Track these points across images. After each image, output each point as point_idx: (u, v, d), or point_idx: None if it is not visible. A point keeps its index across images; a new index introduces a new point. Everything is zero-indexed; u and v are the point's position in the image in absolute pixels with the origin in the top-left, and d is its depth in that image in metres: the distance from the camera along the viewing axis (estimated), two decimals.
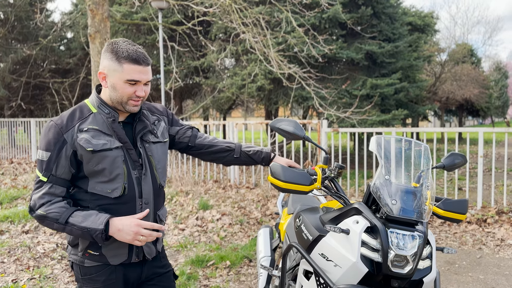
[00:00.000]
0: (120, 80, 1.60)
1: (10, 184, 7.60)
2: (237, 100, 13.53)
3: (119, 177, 1.62)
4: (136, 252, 1.69)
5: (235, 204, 6.26)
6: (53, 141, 1.59)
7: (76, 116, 1.64)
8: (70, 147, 1.59)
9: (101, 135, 1.62)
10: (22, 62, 14.78)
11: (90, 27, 7.06)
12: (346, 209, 1.75)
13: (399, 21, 11.75)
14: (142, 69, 1.61)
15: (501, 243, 4.72)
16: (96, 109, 1.67)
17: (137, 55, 1.60)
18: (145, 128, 1.74)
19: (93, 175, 1.62)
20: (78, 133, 1.60)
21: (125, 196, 1.64)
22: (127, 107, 1.65)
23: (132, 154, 1.67)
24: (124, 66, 1.59)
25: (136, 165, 1.68)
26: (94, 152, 1.59)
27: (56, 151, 1.58)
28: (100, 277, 1.66)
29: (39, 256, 4.15)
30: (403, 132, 6.41)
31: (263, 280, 2.68)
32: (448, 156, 2.01)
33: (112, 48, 1.61)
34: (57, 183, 1.60)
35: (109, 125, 1.64)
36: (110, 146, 1.62)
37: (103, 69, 1.64)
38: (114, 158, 1.62)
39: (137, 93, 1.63)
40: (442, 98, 20.56)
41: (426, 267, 1.65)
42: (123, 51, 1.59)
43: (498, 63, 33.22)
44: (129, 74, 1.59)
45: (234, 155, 2.02)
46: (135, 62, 1.59)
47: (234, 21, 7.12)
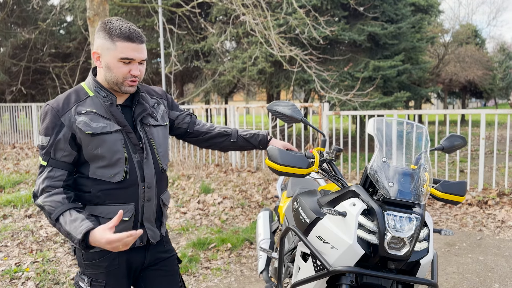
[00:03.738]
0: (114, 58, 1.56)
1: (12, 169, 7.64)
2: (238, 83, 13.45)
3: (120, 161, 1.59)
4: (140, 237, 1.68)
5: (236, 188, 6.29)
6: (50, 126, 1.56)
7: (72, 98, 1.60)
8: (68, 130, 1.56)
9: (100, 118, 1.58)
10: (21, 46, 14.69)
11: (89, 10, 6.98)
12: (343, 191, 1.74)
13: (402, 1, 11.55)
14: (136, 46, 1.56)
15: (501, 224, 4.73)
16: (93, 92, 1.62)
17: (130, 32, 1.55)
18: (144, 111, 1.70)
19: (93, 160, 1.59)
20: (76, 116, 1.56)
21: (127, 181, 1.61)
22: (123, 88, 1.60)
23: (132, 138, 1.63)
24: (117, 44, 1.54)
25: (136, 149, 1.64)
26: (93, 135, 1.56)
27: (54, 135, 1.56)
28: (103, 263, 1.64)
29: (42, 239, 4.19)
30: (405, 114, 6.37)
31: (263, 262, 2.70)
32: (447, 138, 1.99)
33: (105, 27, 1.56)
34: (57, 166, 1.57)
35: (107, 109, 1.60)
36: (109, 129, 1.58)
37: (96, 48, 1.59)
38: (114, 142, 1.58)
39: (132, 72, 1.58)
40: (445, 80, 20.38)
41: (423, 249, 1.65)
42: (115, 28, 1.54)
43: (502, 44, 32.80)
44: (123, 52, 1.54)
45: (231, 140, 2.00)
46: (128, 40, 1.54)
47: (234, 3, 7.01)
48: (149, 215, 1.69)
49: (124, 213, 1.62)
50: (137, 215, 1.66)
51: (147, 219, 1.69)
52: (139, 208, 1.66)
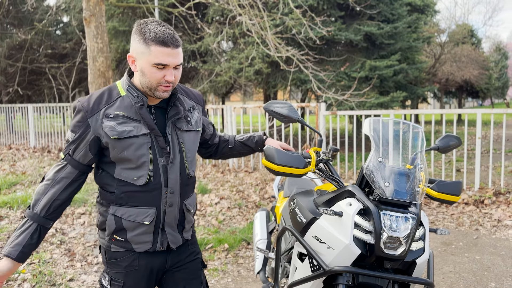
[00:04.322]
0: (148, 63, 1.51)
1: (8, 170, 7.61)
2: (235, 84, 13.45)
3: (145, 165, 1.58)
4: (161, 241, 1.66)
5: (234, 188, 6.29)
6: (77, 124, 1.57)
7: (104, 99, 1.58)
8: (93, 132, 1.56)
9: (128, 121, 1.56)
10: (17, 47, 14.65)
11: (85, 11, 6.96)
12: (340, 191, 1.74)
13: (398, 1, 11.58)
14: (171, 51, 1.50)
15: (497, 223, 4.75)
16: (125, 91, 1.60)
17: (165, 36, 1.49)
18: (177, 114, 1.66)
19: (119, 161, 1.59)
20: (104, 119, 1.55)
21: (150, 184, 1.59)
22: (157, 93, 1.56)
23: (160, 141, 1.60)
24: (152, 49, 1.49)
25: (163, 153, 1.61)
26: (119, 140, 1.55)
27: (78, 133, 1.57)
28: (123, 263, 1.65)
29: None
30: (401, 114, 6.39)
31: (259, 262, 2.70)
32: (442, 138, 2.00)
33: (139, 29, 1.52)
34: (70, 163, 1.59)
35: (137, 110, 1.58)
36: (136, 133, 1.56)
37: (132, 52, 1.56)
38: (140, 145, 1.57)
39: (166, 78, 1.53)
40: (442, 80, 20.45)
41: (419, 249, 1.66)
42: (150, 32, 1.49)
43: (498, 43, 32.94)
44: (157, 57, 1.49)
45: (229, 146, 2.01)
46: (163, 44, 1.49)
47: (230, 3, 7.01)
48: (170, 220, 1.67)
49: (145, 217, 1.61)
50: (158, 220, 1.64)
51: (168, 224, 1.67)
52: (160, 213, 1.64)
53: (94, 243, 4.19)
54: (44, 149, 10.44)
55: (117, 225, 1.62)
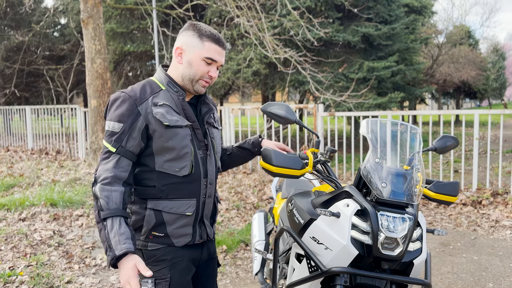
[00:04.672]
0: (198, 56, 1.62)
1: (6, 172, 7.59)
2: (233, 85, 13.45)
3: (187, 156, 1.62)
4: (200, 233, 1.69)
5: (232, 190, 6.28)
6: (126, 113, 1.56)
7: (148, 90, 1.62)
8: (144, 120, 1.57)
9: (173, 112, 1.61)
10: (15, 49, 14.63)
11: (83, 12, 6.96)
12: (337, 192, 1.75)
13: (395, 2, 11.62)
14: (221, 51, 1.65)
15: (495, 224, 4.76)
16: (164, 86, 1.66)
17: (219, 36, 1.64)
18: (210, 111, 1.76)
19: (160, 152, 1.60)
20: (153, 107, 1.58)
21: (192, 175, 1.63)
22: (196, 86, 1.65)
23: (198, 134, 1.67)
24: (206, 44, 1.62)
25: (201, 145, 1.68)
26: (168, 128, 1.58)
27: (129, 122, 1.56)
28: (167, 256, 1.63)
29: (36, 243, 4.16)
30: (399, 115, 6.40)
31: (257, 263, 2.70)
32: (440, 138, 2.00)
33: (194, 27, 1.64)
34: (125, 155, 1.56)
35: (179, 103, 1.64)
36: (181, 123, 1.61)
37: (181, 45, 1.65)
38: (184, 136, 1.61)
39: (211, 73, 1.64)
40: (440, 81, 20.50)
41: (417, 249, 1.66)
42: (205, 30, 1.63)
43: (495, 44, 33.05)
44: (209, 52, 1.62)
45: (227, 153, 2.04)
46: (217, 42, 1.63)
47: (228, 5, 7.02)
48: (208, 212, 1.73)
49: (187, 208, 1.64)
50: (198, 211, 1.68)
51: (206, 215, 1.72)
52: (200, 204, 1.68)
53: (92, 245, 4.18)
54: (42, 151, 10.42)
55: (157, 219, 1.61)
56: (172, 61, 1.71)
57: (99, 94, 7.63)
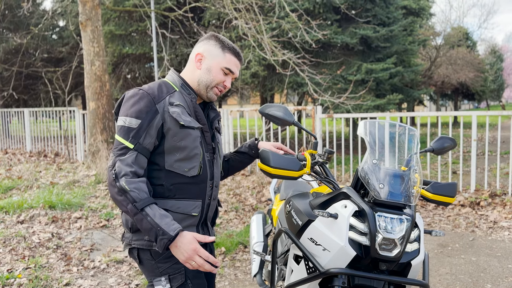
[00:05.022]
0: (218, 65, 1.71)
1: (4, 174, 7.58)
2: (232, 87, 13.47)
3: (197, 157, 1.66)
4: (202, 234, 1.71)
5: (231, 191, 6.29)
6: (145, 110, 1.57)
7: (164, 89, 1.66)
8: (161, 118, 1.59)
9: (186, 113, 1.66)
10: (13, 51, 14.63)
11: (81, 15, 6.97)
12: (335, 193, 1.75)
13: (393, 5, 11.65)
14: (239, 64, 1.78)
15: (493, 225, 4.77)
16: (178, 88, 1.71)
17: (239, 51, 1.78)
18: (217, 116, 1.83)
19: (171, 151, 1.62)
20: (169, 106, 1.62)
21: (199, 176, 1.67)
22: (210, 93, 1.73)
23: (207, 137, 1.72)
24: (227, 55, 1.73)
25: (208, 148, 1.73)
26: (183, 127, 1.62)
27: (148, 119, 1.57)
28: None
29: (34, 246, 4.16)
30: (397, 116, 6.41)
31: (256, 265, 2.70)
32: (437, 139, 2.01)
33: (217, 38, 1.75)
34: (142, 152, 1.57)
35: (191, 105, 1.69)
36: (193, 125, 1.65)
37: (203, 51, 1.73)
38: (195, 138, 1.65)
39: (226, 83, 1.74)
40: (438, 82, 20.54)
41: (414, 250, 1.66)
42: (228, 43, 1.75)
43: (493, 46, 33.15)
44: (229, 63, 1.73)
45: (225, 159, 2.06)
46: (236, 56, 1.76)
47: (226, 7, 7.04)
48: (211, 214, 1.78)
49: (194, 208, 1.67)
50: (203, 213, 1.72)
51: (209, 217, 1.78)
52: (205, 206, 1.72)
53: (91, 247, 4.18)
54: (41, 153, 10.41)
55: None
56: (187, 65, 1.78)
57: (98, 97, 7.63)
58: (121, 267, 3.75)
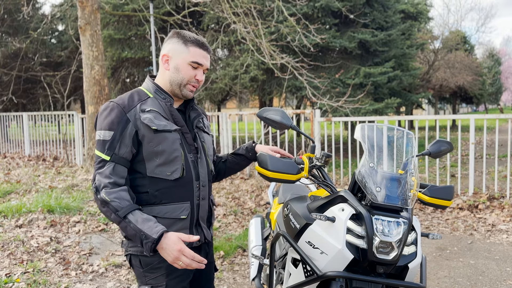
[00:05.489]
0: (184, 61, 1.68)
1: (3, 178, 7.57)
2: (231, 91, 13.49)
3: (178, 159, 1.65)
4: (196, 229, 1.73)
5: (229, 195, 6.29)
6: (116, 120, 1.60)
7: (135, 97, 1.68)
8: (133, 126, 1.61)
9: (161, 117, 1.66)
10: (12, 55, 14.64)
11: (80, 19, 6.98)
12: (332, 197, 1.76)
13: (391, 9, 11.71)
14: (205, 54, 1.71)
15: (492, 228, 4.77)
16: (152, 94, 1.71)
17: (202, 41, 1.71)
18: (199, 116, 1.82)
19: (150, 157, 1.63)
20: (141, 113, 1.63)
21: (183, 178, 1.67)
22: (184, 91, 1.71)
23: (188, 138, 1.72)
24: (191, 49, 1.68)
25: (191, 149, 1.72)
26: (157, 132, 1.62)
27: (120, 130, 1.60)
28: (162, 263, 1.65)
29: (32, 250, 4.15)
30: (396, 120, 6.43)
31: (255, 269, 2.70)
32: (434, 143, 2.02)
33: (178, 34, 1.71)
34: (119, 163, 1.60)
35: (167, 109, 1.69)
36: (169, 128, 1.65)
37: (167, 52, 1.71)
38: (174, 140, 1.65)
39: (197, 77, 1.70)
40: (436, 86, 20.61)
41: (411, 253, 1.67)
42: (189, 36, 1.70)
43: (491, 49, 33.28)
44: (194, 57, 1.68)
45: (222, 160, 2.06)
46: (201, 47, 1.69)
47: (225, 11, 7.07)
48: (203, 214, 1.76)
49: (181, 211, 1.67)
50: (193, 214, 1.71)
51: (202, 218, 1.76)
52: (194, 207, 1.71)
53: (89, 251, 4.17)
54: (39, 157, 10.40)
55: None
56: (159, 69, 1.76)
57: (97, 101, 7.64)
58: (120, 271, 3.75)
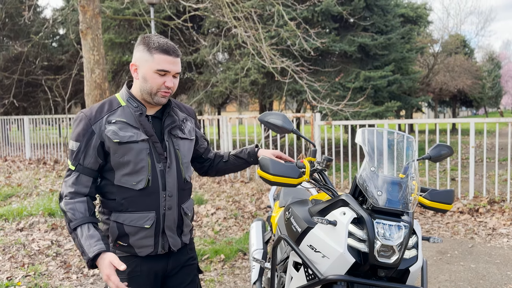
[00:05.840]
0: (150, 70, 1.64)
1: (4, 182, 7.58)
2: (231, 94, 13.52)
3: (144, 170, 1.66)
4: (162, 244, 1.73)
5: (230, 198, 6.29)
6: (82, 132, 1.65)
7: (105, 108, 1.69)
8: (98, 138, 1.64)
9: (129, 127, 1.66)
10: (14, 59, 14.67)
11: (82, 23, 7.01)
12: (334, 201, 1.77)
13: (391, 13, 11.75)
14: (172, 59, 1.66)
15: (492, 232, 4.78)
16: (125, 102, 1.71)
17: (167, 46, 1.65)
18: (173, 123, 1.77)
19: (118, 167, 1.66)
20: (106, 125, 1.65)
21: (149, 188, 1.67)
22: (156, 98, 1.68)
23: (157, 147, 1.70)
24: (155, 57, 1.63)
25: (161, 158, 1.71)
26: (120, 144, 1.64)
27: (84, 141, 1.64)
28: (126, 269, 1.66)
29: (33, 253, 4.16)
30: (396, 124, 6.44)
31: (256, 272, 2.71)
32: (434, 147, 2.03)
33: (144, 41, 1.67)
34: (83, 172, 1.65)
35: (137, 118, 1.68)
36: (136, 138, 1.65)
37: (135, 61, 1.69)
38: (140, 150, 1.66)
39: (166, 84, 1.66)
40: (436, 89, 20.64)
41: (412, 257, 1.68)
42: (154, 42, 1.65)
43: (491, 53, 33.34)
44: (159, 64, 1.63)
45: (223, 160, 2.07)
46: (165, 53, 1.64)
47: (226, 15, 7.10)
48: (170, 224, 1.75)
49: (146, 221, 1.69)
50: (159, 223, 1.72)
51: (168, 227, 1.74)
52: (160, 216, 1.71)
53: None
54: (40, 160, 10.41)
55: (120, 231, 1.69)
56: None
57: None
58: None
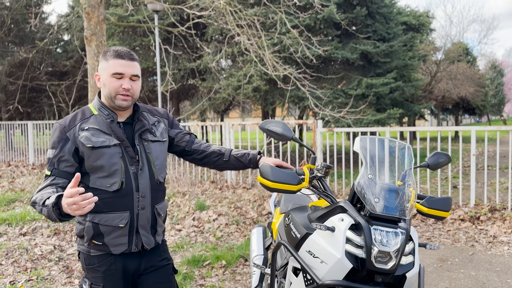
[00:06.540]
0: (107, 75, 1.78)
1: (7, 187, 7.63)
2: (234, 101, 13.59)
3: (117, 172, 1.76)
4: (136, 243, 1.83)
5: (232, 205, 6.32)
6: (57, 140, 1.77)
7: (78, 117, 1.82)
8: (72, 144, 1.75)
9: (101, 133, 1.78)
10: (18, 65, 14.79)
11: (86, 30, 7.10)
12: (332, 207, 1.80)
13: (393, 20, 11.82)
14: (125, 63, 1.78)
15: (493, 240, 4.78)
16: (97, 111, 1.83)
17: (121, 51, 1.79)
18: (143, 127, 1.87)
19: (93, 171, 1.77)
20: (80, 132, 1.76)
21: (122, 190, 1.77)
22: (116, 101, 1.79)
23: (129, 151, 1.81)
24: (110, 62, 1.78)
25: (133, 161, 1.81)
26: (94, 149, 1.74)
27: (59, 148, 1.75)
28: (101, 267, 1.81)
29: (36, 258, 4.19)
30: (397, 131, 6.47)
31: (256, 278, 2.73)
32: (432, 155, 2.07)
33: (104, 52, 1.83)
34: (59, 175, 1.74)
35: (108, 125, 1.79)
36: (108, 143, 1.76)
37: (98, 71, 1.85)
38: (112, 155, 1.76)
39: (123, 86, 1.77)
40: (438, 97, 20.65)
41: (409, 263, 1.71)
42: (110, 51, 1.80)
43: (493, 61, 33.35)
44: (114, 68, 1.77)
45: (223, 159, 2.12)
46: (119, 57, 1.78)
47: (229, 23, 7.17)
48: (144, 223, 1.84)
49: (120, 220, 1.78)
50: (133, 222, 1.82)
51: (142, 226, 1.84)
52: (134, 216, 1.81)
53: None
54: (43, 166, 10.47)
55: (95, 230, 1.79)
56: None
57: None
58: None
